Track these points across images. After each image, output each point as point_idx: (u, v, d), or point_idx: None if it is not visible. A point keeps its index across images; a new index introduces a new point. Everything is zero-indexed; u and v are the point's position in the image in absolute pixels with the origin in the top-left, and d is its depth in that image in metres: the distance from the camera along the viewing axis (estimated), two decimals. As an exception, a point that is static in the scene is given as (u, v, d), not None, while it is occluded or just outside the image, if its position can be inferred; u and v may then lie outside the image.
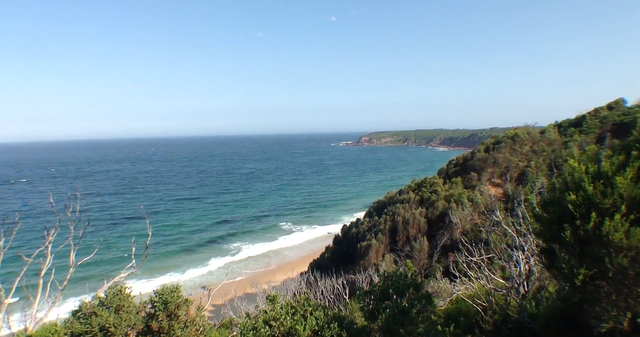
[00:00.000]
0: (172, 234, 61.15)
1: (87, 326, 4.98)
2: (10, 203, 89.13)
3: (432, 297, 6.87)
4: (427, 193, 32.41)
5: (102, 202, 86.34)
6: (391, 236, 29.61)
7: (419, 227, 28.94)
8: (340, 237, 36.06)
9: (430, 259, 25.56)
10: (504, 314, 6.03)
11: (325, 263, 31.78)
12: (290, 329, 5.79)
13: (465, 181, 33.59)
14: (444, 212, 28.52)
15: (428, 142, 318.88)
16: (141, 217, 69.33)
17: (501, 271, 8.84)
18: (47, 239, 6.77)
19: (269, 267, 46.68)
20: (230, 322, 10.52)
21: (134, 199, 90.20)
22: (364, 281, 16.97)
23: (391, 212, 31.44)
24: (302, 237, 60.71)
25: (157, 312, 5.46)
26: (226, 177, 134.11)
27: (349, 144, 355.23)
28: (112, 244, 52.88)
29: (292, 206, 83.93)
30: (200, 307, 5.99)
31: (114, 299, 5.36)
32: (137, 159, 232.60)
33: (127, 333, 5.24)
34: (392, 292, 6.64)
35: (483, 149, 37.43)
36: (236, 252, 53.46)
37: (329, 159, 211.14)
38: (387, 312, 6.28)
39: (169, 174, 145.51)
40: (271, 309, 6.21)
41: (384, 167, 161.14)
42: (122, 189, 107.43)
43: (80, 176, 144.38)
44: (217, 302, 23.37)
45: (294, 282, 18.97)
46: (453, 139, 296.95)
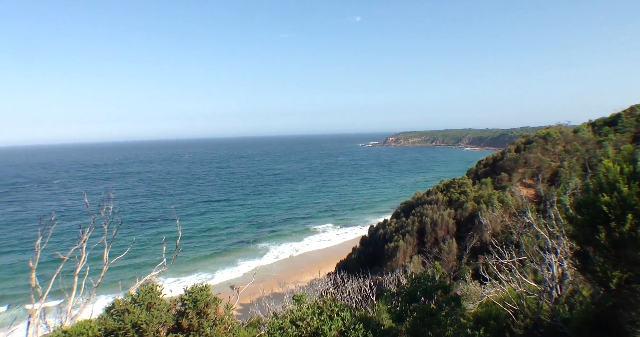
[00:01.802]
0: (202, 235, 62.17)
1: (120, 322, 5.11)
2: (46, 203, 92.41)
3: (461, 299, 6.77)
4: (456, 194, 31.93)
5: (134, 202, 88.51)
6: (419, 238, 29.30)
7: (448, 228, 28.54)
8: (367, 238, 35.90)
9: (459, 261, 25.17)
10: (536, 318, 5.89)
11: (352, 264, 31.70)
12: (316, 330, 5.81)
13: (495, 181, 32.93)
14: (473, 213, 28.03)
15: (456, 142, 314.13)
16: (172, 217, 70.71)
17: (533, 274, 8.63)
18: (82, 238, 7.00)
19: (296, 267, 46.88)
20: (258, 321, 10.62)
21: (165, 200, 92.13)
22: (391, 282, 16.85)
23: (419, 213, 31.11)
24: (329, 238, 60.75)
25: (187, 310, 5.56)
26: (254, 178, 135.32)
27: (376, 145, 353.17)
28: (143, 244, 54.11)
29: (320, 206, 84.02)
30: (229, 306, 6.07)
31: (145, 297, 5.48)
32: (166, 160, 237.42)
33: (158, 330, 5.35)
34: (419, 294, 6.58)
35: (514, 149, 36.62)
36: (264, 252, 53.92)
37: (361, 160, 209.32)
38: (415, 315, 6.23)
39: (199, 175, 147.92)
40: (298, 309, 6.25)
41: (415, 168, 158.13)
42: (153, 190, 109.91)
43: (112, 177, 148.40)
44: (245, 302, 23.66)
45: (321, 283, 19.02)
46: (482, 139, 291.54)
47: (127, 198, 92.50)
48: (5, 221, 72.89)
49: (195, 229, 64.55)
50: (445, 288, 6.67)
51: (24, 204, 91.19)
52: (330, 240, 59.38)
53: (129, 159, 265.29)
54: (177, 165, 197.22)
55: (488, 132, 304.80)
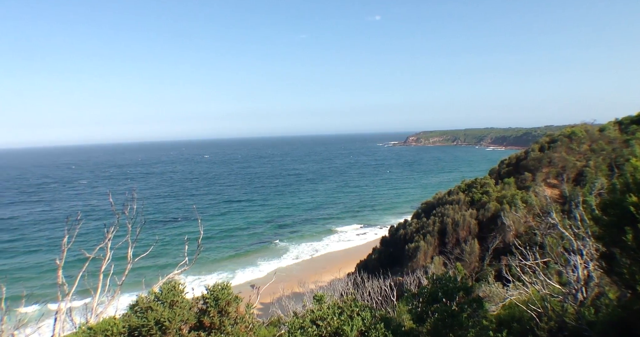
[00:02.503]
0: (223, 235, 62.80)
1: (143, 319, 5.21)
2: (72, 203, 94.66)
3: (484, 301, 6.69)
4: (478, 194, 31.51)
5: (157, 202, 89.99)
6: (440, 238, 29.02)
7: (470, 229, 28.19)
8: (388, 239, 35.73)
9: (481, 263, 24.84)
10: (560, 321, 5.77)
11: (372, 264, 31.59)
12: (337, 329, 5.81)
13: (518, 181, 32.37)
14: (495, 213, 27.63)
15: (478, 142, 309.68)
16: (194, 217, 71.64)
17: (557, 276, 8.46)
18: (107, 237, 7.16)
19: (317, 267, 46.93)
20: (279, 320, 10.67)
21: (187, 200, 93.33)
22: (412, 283, 16.73)
23: (440, 214, 30.81)
24: (349, 238, 60.68)
25: (209, 308, 5.63)
26: (275, 178, 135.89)
27: (396, 144, 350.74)
28: (166, 243, 54.93)
29: (341, 207, 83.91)
30: (250, 304, 6.12)
31: (168, 295, 5.57)
32: (187, 161, 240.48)
33: (180, 328, 5.43)
34: (441, 295, 6.53)
35: (537, 148, 35.95)
36: (284, 252, 54.15)
37: (382, 159, 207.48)
38: (436, 316, 6.18)
39: (220, 175, 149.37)
40: (318, 308, 6.26)
41: (439, 168, 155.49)
42: (175, 190, 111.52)
43: (135, 177, 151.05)
44: (265, 301, 23.79)
45: (341, 283, 18.99)
46: (505, 138, 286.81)
47: (150, 198, 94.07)
48: (34, 220, 74.96)
49: (217, 229, 65.23)
50: (467, 289, 6.60)
51: (51, 204, 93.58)
52: (351, 240, 59.30)
53: (151, 159, 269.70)
54: (199, 166, 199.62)
55: (511, 131, 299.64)
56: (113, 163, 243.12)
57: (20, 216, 79.19)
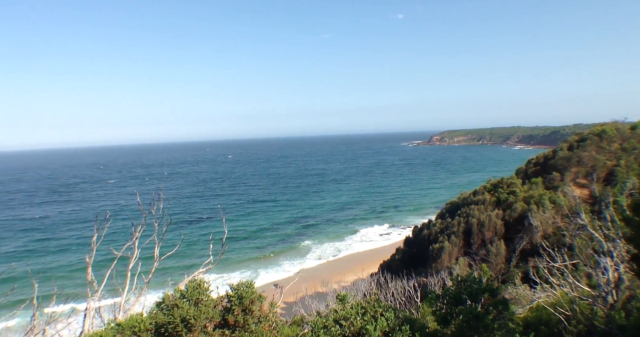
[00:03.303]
0: (247, 234, 63.39)
1: (169, 317, 5.31)
2: (101, 202, 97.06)
3: (510, 303, 6.57)
4: (504, 194, 30.94)
5: (183, 202, 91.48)
6: (465, 239, 28.62)
7: (496, 229, 27.72)
8: (412, 239, 35.43)
9: (507, 264, 24.41)
10: (590, 324, 5.63)
11: (395, 264, 31.38)
12: (360, 330, 5.80)
13: (546, 181, 31.66)
14: (522, 214, 27.08)
15: (504, 141, 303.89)
16: (218, 217, 72.55)
17: (587, 278, 8.25)
18: (134, 235, 7.32)
19: (340, 267, 46.92)
20: (302, 319, 10.71)
21: (212, 200, 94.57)
22: (436, 284, 16.57)
23: (465, 214, 30.38)
24: (372, 238, 60.47)
25: (233, 306, 5.69)
26: (299, 178, 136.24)
27: (420, 144, 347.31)
28: (191, 242, 55.78)
29: (364, 207, 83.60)
30: (273, 303, 6.17)
31: (193, 293, 5.66)
32: (212, 161, 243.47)
33: (205, 325, 5.52)
34: (465, 296, 6.44)
35: (566, 147, 35.10)
36: (308, 252, 54.32)
37: (408, 159, 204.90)
38: (461, 318, 6.11)
39: (244, 175, 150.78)
40: (342, 308, 6.26)
41: (467, 168, 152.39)
42: (201, 190, 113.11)
43: (162, 177, 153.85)
44: (288, 300, 23.92)
45: (364, 283, 18.95)
46: (532, 137, 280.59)
47: (176, 198, 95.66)
48: (64, 220, 77.15)
49: (241, 229, 65.85)
50: (492, 291, 6.50)
51: (81, 204, 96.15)
52: (374, 240, 59.08)
53: (177, 159, 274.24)
54: (223, 166, 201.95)
55: (538, 129, 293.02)
56: (140, 163, 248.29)
57: (52, 215, 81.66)
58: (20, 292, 6.55)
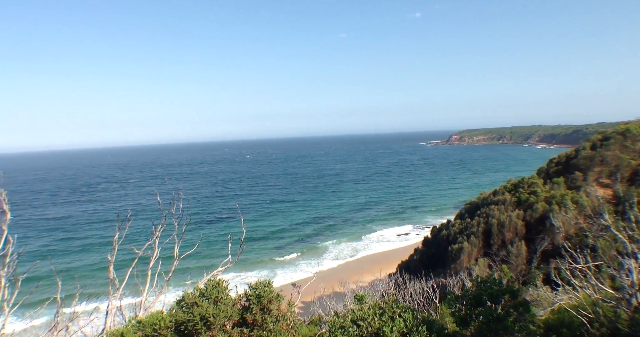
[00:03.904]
0: (264, 234, 63.76)
1: (189, 315, 5.37)
2: (123, 201, 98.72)
3: (531, 305, 6.48)
4: (525, 194, 30.46)
5: (202, 201, 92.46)
6: (485, 239, 28.27)
7: (516, 230, 27.31)
8: (430, 239, 35.17)
9: (528, 265, 24.03)
10: (613, 327, 5.51)
11: (414, 265, 31.19)
12: (378, 330, 5.78)
13: (568, 181, 31.07)
14: (544, 214, 26.63)
15: (525, 140, 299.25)
16: (237, 216, 73.13)
17: (610, 280, 8.07)
18: (154, 234, 7.44)
19: (357, 267, 46.85)
20: (319, 319, 10.72)
21: (230, 199, 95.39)
22: (455, 285, 16.41)
23: (484, 214, 30.01)
24: (391, 238, 60.25)
25: (252, 305, 5.73)
26: (317, 178, 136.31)
27: (439, 143, 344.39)
28: (210, 241, 56.35)
29: (383, 207, 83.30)
30: (291, 303, 6.19)
31: (213, 291, 5.73)
32: (230, 161, 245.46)
33: (224, 324, 5.57)
34: (485, 298, 6.37)
35: (589, 146, 34.38)
36: (325, 252, 54.39)
37: (429, 159, 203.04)
38: (480, 319, 6.04)
39: (262, 175, 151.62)
40: (359, 309, 6.25)
41: (490, 167, 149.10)
42: (220, 190, 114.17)
43: (181, 177, 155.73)
44: (306, 300, 23.95)
45: (382, 283, 18.87)
46: (554, 136, 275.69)
47: (195, 197, 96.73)
48: (88, 219, 78.67)
49: (259, 229, 66.24)
50: (513, 293, 6.41)
51: (103, 203, 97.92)
52: (392, 241, 58.84)
53: (197, 159, 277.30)
54: (241, 166, 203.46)
55: (560, 128, 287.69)
56: (159, 163, 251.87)
57: (75, 215, 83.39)
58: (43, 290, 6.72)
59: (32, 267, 6.97)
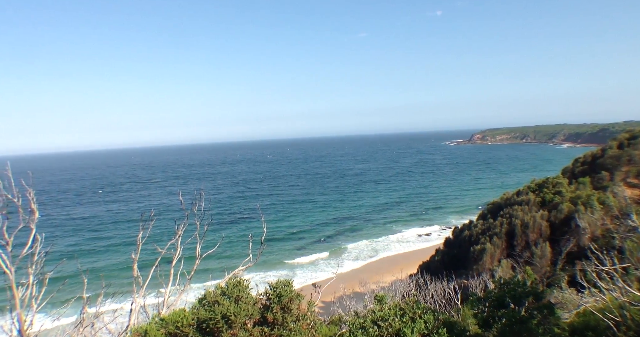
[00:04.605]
0: (285, 234, 64.02)
1: (211, 313, 5.45)
2: (146, 201, 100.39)
3: (555, 308, 6.36)
4: (550, 194, 29.86)
5: (223, 201, 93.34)
6: (508, 240, 27.81)
7: (540, 231, 26.79)
8: (452, 240, 34.78)
9: (553, 267, 23.55)
10: (641, 331, 5.37)
11: (435, 266, 30.89)
12: (398, 331, 5.76)
13: (594, 181, 30.36)
14: (569, 215, 26.05)
15: (550, 139, 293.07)
16: (258, 216, 73.58)
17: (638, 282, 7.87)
18: (177, 234, 7.56)
19: (377, 268, 46.64)
20: (339, 319, 10.72)
21: (251, 199, 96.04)
22: (478, 286, 16.20)
23: (508, 215, 29.52)
24: (411, 239, 59.84)
25: (272, 304, 5.78)
26: (338, 178, 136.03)
27: (461, 143, 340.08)
28: (231, 241, 56.83)
29: (404, 207, 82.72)
30: (311, 302, 6.21)
31: (234, 290, 5.78)
32: (251, 161, 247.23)
33: (245, 322, 5.62)
34: (508, 300, 6.28)
35: (616, 145, 33.53)
36: (345, 252, 54.35)
37: (453, 158, 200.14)
38: (503, 321, 5.96)
39: (282, 175, 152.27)
40: (379, 309, 6.23)
41: (519, 167, 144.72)
42: (240, 189, 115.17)
43: (203, 177, 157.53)
44: (326, 299, 24.00)
45: (403, 284, 18.78)
46: (579, 135, 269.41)
47: (217, 197, 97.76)
48: (113, 219, 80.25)
49: (279, 229, 66.54)
50: (537, 295, 6.31)
51: (127, 203, 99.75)
52: (413, 241, 58.41)
53: (218, 159, 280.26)
54: (262, 166, 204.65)
55: (586, 127, 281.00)
56: (181, 163, 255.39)
57: (100, 215, 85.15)
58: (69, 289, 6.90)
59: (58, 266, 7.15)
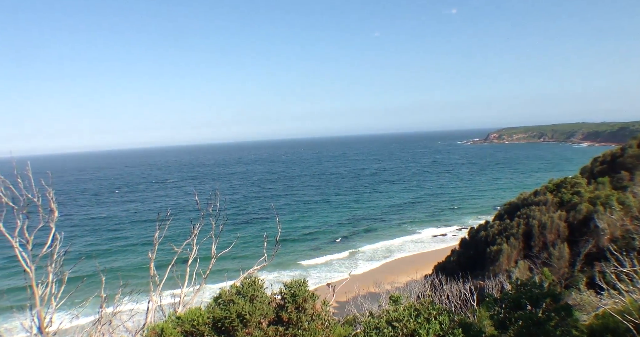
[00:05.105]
0: (299, 233, 64.16)
1: (226, 312, 5.49)
2: (162, 201, 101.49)
3: (573, 310, 6.27)
4: (568, 194, 29.40)
5: (238, 201, 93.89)
6: (525, 241, 27.47)
7: (558, 232, 26.40)
8: (468, 240, 34.47)
9: (571, 268, 23.19)
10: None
11: (450, 266, 30.66)
12: (413, 332, 5.73)
13: (614, 180, 29.81)
14: (588, 215, 25.62)
15: (568, 138, 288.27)
16: (272, 216, 73.88)
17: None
18: (193, 233, 7.64)
19: (392, 268, 46.46)
20: (354, 319, 10.71)
21: (266, 199, 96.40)
22: (494, 287, 16.04)
23: (525, 215, 29.16)
24: (426, 239, 59.49)
25: (287, 304, 5.80)
26: (353, 178, 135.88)
27: (476, 142, 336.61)
28: (246, 240, 57.11)
29: (420, 207, 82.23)
30: (325, 302, 6.22)
31: (249, 289, 5.82)
32: (266, 161, 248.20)
33: (260, 321, 5.65)
34: (525, 301, 6.21)
35: (636, 144, 32.88)
36: (360, 252, 54.23)
37: (471, 158, 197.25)
38: (520, 323, 5.89)
39: (297, 175, 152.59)
40: (394, 309, 6.20)
41: (526, 168, 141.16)
42: (255, 189, 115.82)
43: (218, 177, 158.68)
44: (340, 299, 23.95)
45: (418, 284, 18.67)
46: (598, 134, 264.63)
47: (231, 196, 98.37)
48: (130, 219, 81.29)
49: (293, 228, 66.67)
50: (554, 296, 6.22)
51: (144, 203, 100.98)
52: (428, 242, 58.05)
53: (233, 159, 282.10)
54: (277, 166, 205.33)
55: (605, 125, 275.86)
56: (197, 163, 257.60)
57: (117, 214, 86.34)
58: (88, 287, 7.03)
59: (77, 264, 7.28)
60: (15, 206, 5.54)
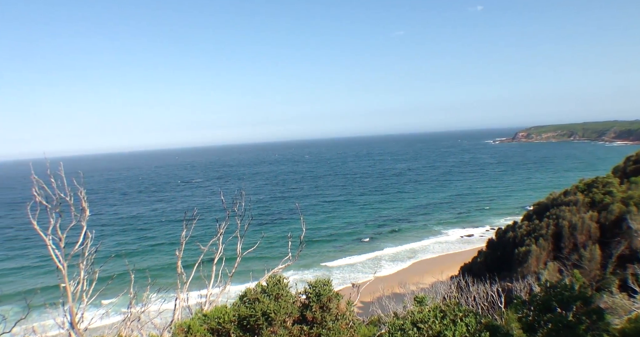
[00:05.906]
0: (323, 233, 64.23)
1: (251, 310, 5.55)
2: (189, 201, 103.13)
3: (605, 313, 6.10)
4: (599, 195, 28.57)
5: (263, 200, 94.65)
6: (555, 242, 26.83)
7: (589, 233, 25.69)
8: (495, 241, 33.87)
9: (603, 270, 22.53)
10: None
11: (477, 268, 30.19)
12: (438, 334, 5.66)
13: (648, 180, 28.83)
14: (620, 216, 24.85)
15: (599, 136, 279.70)
16: (297, 215, 74.17)
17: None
18: (219, 232, 7.76)
19: (417, 268, 46.05)
20: (378, 320, 10.67)
21: (291, 199, 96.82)
22: (522, 289, 15.75)
23: (554, 216, 28.47)
24: (453, 239, 58.74)
25: (311, 303, 5.82)
26: (378, 178, 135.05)
27: (504, 141, 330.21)
28: (271, 240, 57.49)
29: (445, 207, 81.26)
30: (350, 302, 6.21)
31: (274, 288, 5.87)
32: (290, 161, 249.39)
33: (284, 320, 5.69)
34: (555, 304, 6.07)
35: (673, 143, 31.74)
36: (384, 252, 53.90)
37: (500, 157, 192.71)
38: (550, 326, 5.77)
39: (321, 175, 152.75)
40: (419, 311, 6.15)
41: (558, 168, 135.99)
42: (279, 189, 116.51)
43: (244, 177, 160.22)
44: (365, 300, 23.88)
45: (444, 286, 18.47)
46: (631, 132, 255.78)
47: (256, 197, 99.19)
48: (158, 219, 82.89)
49: (317, 228, 66.79)
50: (585, 299, 6.06)
51: (171, 203, 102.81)
52: (454, 243, 57.28)
53: (257, 159, 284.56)
54: (300, 166, 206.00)
55: (638, 124, 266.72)
56: (222, 163, 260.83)
57: (146, 214, 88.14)
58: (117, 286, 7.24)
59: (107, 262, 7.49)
60: (49, 205, 5.72)
